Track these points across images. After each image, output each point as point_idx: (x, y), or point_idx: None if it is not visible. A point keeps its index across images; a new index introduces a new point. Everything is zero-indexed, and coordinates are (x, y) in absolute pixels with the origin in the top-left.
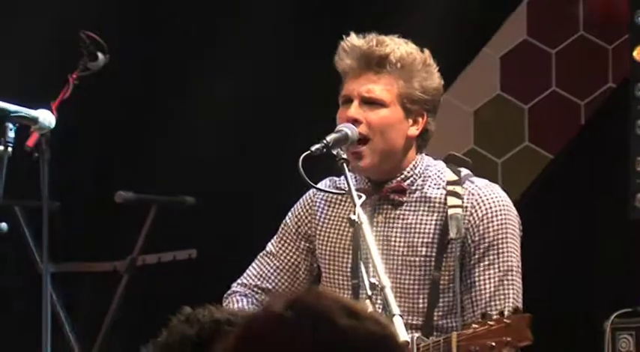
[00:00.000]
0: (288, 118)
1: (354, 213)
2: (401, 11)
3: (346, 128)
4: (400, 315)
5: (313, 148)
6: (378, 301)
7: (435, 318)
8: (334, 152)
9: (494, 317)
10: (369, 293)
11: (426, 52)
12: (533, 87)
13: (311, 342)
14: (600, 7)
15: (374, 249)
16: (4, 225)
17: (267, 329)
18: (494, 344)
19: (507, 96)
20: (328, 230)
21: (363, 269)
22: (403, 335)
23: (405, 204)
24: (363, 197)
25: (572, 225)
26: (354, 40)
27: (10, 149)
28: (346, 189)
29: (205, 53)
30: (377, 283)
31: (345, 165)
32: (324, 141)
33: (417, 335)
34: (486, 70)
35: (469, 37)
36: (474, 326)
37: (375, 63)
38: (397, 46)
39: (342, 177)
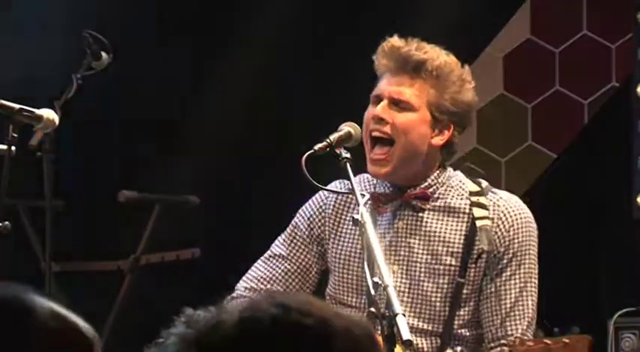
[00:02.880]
0: (292, 118)
1: (358, 213)
2: (405, 11)
3: (350, 127)
4: (402, 314)
5: (316, 147)
6: (382, 300)
7: (456, 327)
8: (337, 151)
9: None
10: (372, 292)
11: (466, 67)
12: (537, 86)
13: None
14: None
15: (377, 248)
16: (7, 224)
17: None
18: None
19: (510, 95)
20: (341, 233)
21: (366, 269)
22: (406, 334)
23: (427, 211)
24: (367, 196)
25: (576, 224)
26: (394, 41)
27: (13, 148)
28: (357, 191)
29: (210, 52)
30: (379, 282)
31: (347, 164)
32: (328, 141)
33: (459, 348)
34: (490, 69)
35: (472, 37)
36: (528, 343)
37: (411, 67)
38: (436, 55)
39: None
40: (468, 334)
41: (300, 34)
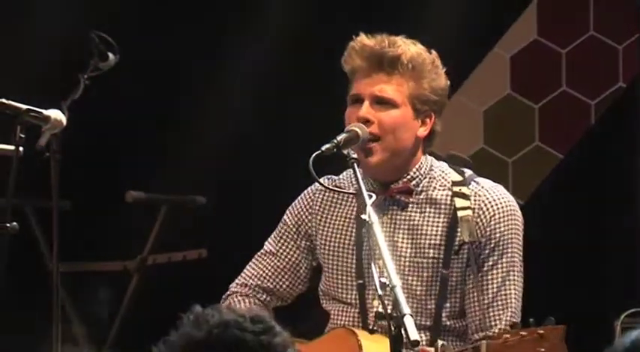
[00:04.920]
0: (299, 118)
1: (364, 213)
2: (412, 11)
3: (357, 127)
4: (411, 315)
5: (324, 148)
6: (389, 300)
7: (444, 319)
8: (345, 152)
9: (514, 326)
10: (380, 292)
11: (434, 52)
12: (544, 86)
13: None
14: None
15: (384, 249)
16: (14, 224)
17: None
18: None
19: (517, 95)
20: (330, 229)
21: (373, 269)
22: (414, 334)
23: (411, 205)
24: (374, 196)
25: (583, 224)
26: (364, 39)
27: (20, 149)
28: (345, 188)
29: (215, 52)
30: (387, 282)
31: (355, 165)
32: (335, 141)
33: (441, 342)
34: (497, 69)
35: (479, 37)
36: (505, 335)
37: (387, 63)
38: (408, 47)
39: (341, 176)
40: (457, 325)
41: (304, 35)
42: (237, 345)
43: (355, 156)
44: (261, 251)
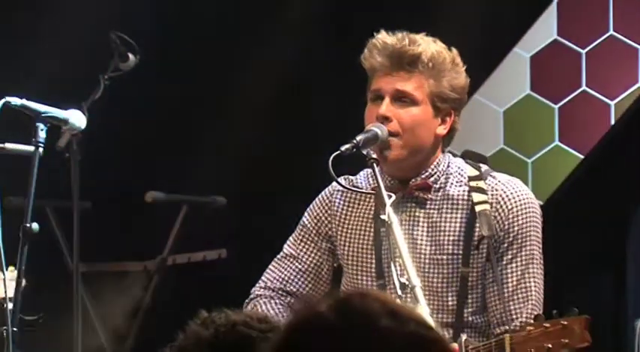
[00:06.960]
0: (318, 118)
1: (383, 213)
2: (432, 11)
3: (376, 128)
4: (430, 315)
5: (343, 148)
6: (408, 300)
7: (466, 315)
8: (364, 152)
9: (539, 318)
10: (400, 292)
11: (454, 50)
12: (564, 86)
13: (354, 346)
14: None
15: (404, 249)
16: (35, 225)
17: (313, 333)
18: (550, 346)
19: (537, 96)
20: (349, 230)
21: (392, 269)
22: None
23: (429, 202)
24: (394, 196)
25: (603, 225)
26: (385, 37)
27: (41, 149)
28: (362, 188)
29: (237, 54)
30: (407, 283)
31: (375, 164)
32: (354, 141)
33: (464, 336)
34: (516, 69)
35: (499, 37)
36: (528, 328)
37: (407, 62)
38: (428, 45)
39: (358, 176)
40: (480, 321)
41: (324, 35)
42: (244, 342)
43: (375, 156)
44: (281, 254)
